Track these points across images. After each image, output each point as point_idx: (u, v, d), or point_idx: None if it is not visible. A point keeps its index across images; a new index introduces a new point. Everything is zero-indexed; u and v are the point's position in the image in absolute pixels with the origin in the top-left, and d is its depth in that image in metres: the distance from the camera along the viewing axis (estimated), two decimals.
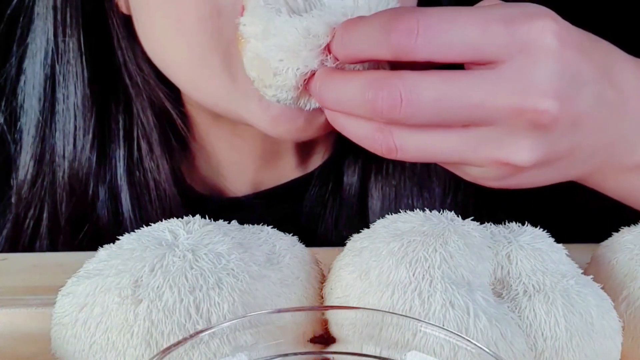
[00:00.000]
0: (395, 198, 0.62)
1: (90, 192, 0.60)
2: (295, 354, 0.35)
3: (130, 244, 0.38)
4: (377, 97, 0.38)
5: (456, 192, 0.63)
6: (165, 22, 0.52)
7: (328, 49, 0.41)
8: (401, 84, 0.38)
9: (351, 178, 0.63)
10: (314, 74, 0.42)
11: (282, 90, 0.43)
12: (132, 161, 0.60)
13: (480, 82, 0.38)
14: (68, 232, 0.61)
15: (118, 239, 0.39)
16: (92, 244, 0.43)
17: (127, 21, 0.58)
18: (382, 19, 0.38)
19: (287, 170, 0.65)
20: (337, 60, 0.41)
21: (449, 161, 0.42)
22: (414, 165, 0.62)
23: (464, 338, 0.33)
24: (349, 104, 0.40)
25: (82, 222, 0.61)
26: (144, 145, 0.60)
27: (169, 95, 0.60)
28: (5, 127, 0.62)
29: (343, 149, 0.63)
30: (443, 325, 0.34)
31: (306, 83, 0.42)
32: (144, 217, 0.61)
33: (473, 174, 0.43)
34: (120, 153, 0.60)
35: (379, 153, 0.41)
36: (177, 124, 0.61)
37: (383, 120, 0.39)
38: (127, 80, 0.59)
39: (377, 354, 0.34)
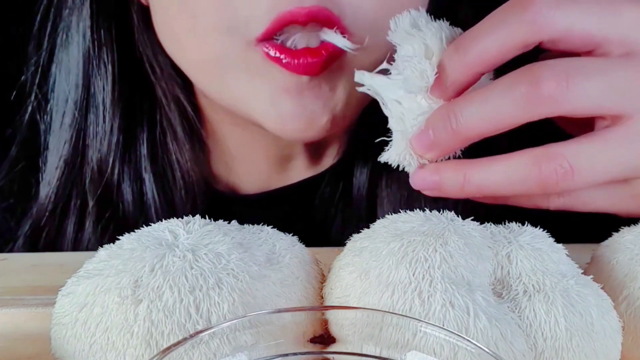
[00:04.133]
0: (407, 199, 0.61)
1: (116, 174, 0.62)
2: (295, 354, 0.35)
3: (130, 243, 0.38)
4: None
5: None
6: (182, 18, 0.53)
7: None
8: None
9: (361, 179, 0.63)
10: None
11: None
12: (156, 144, 0.62)
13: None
14: (95, 215, 0.62)
15: (129, 234, 0.40)
16: (116, 229, 0.43)
17: (145, 12, 0.59)
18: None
19: (298, 171, 0.65)
20: None
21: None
22: None
23: (464, 338, 0.33)
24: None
25: (108, 206, 0.62)
26: (167, 129, 0.62)
27: (183, 87, 0.61)
28: (34, 116, 0.64)
29: (354, 150, 0.63)
30: (443, 325, 0.34)
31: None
32: (167, 201, 0.62)
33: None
34: (144, 136, 0.62)
35: (553, 181, 0.40)
36: (190, 117, 0.62)
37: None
38: (148, 69, 0.61)
39: (377, 354, 0.34)
